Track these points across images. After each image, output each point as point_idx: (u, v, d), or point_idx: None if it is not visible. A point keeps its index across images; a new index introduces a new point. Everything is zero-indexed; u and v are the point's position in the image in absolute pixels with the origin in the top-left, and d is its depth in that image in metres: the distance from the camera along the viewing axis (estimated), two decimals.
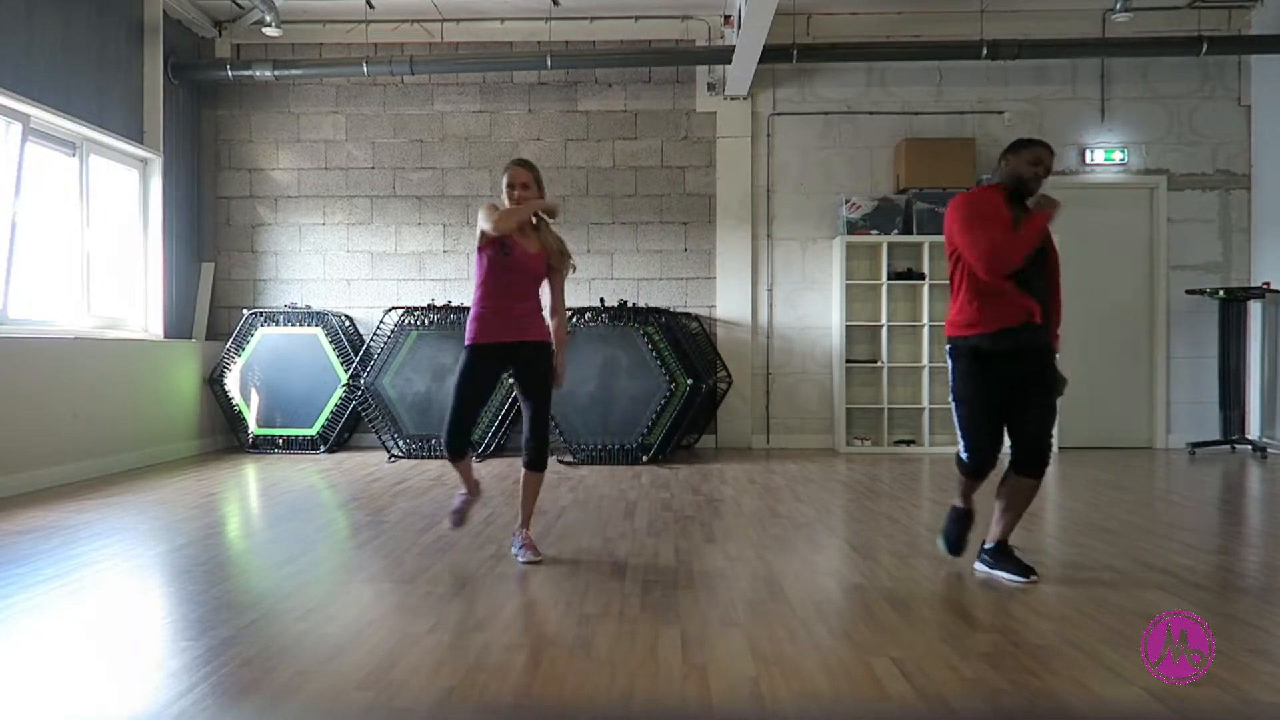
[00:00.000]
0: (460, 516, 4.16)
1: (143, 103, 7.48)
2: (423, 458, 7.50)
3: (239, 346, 7.92)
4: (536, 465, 3.99)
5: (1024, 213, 3.47)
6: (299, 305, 8.25)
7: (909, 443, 8.14)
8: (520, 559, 3.85)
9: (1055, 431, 3.64)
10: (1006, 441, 3.58)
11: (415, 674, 2.53)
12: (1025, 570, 3.52)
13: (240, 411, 7.91)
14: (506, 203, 3.85)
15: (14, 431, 5.65)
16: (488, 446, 7.55)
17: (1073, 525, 4.70)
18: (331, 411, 7.88)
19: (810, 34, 8.25)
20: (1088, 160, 8.25)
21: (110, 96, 7.05)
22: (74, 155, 6.75)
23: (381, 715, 2.27)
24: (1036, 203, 3.49)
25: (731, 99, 8.28)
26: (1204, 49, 7.76)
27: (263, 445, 7.89)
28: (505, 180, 3.88)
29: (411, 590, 3.40)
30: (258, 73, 7.97)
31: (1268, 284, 7.84)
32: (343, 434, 8.06)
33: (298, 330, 7.96)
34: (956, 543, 3.77)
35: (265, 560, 3.95)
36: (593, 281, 8.34)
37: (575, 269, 4.07)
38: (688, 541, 4.27)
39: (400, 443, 7.61)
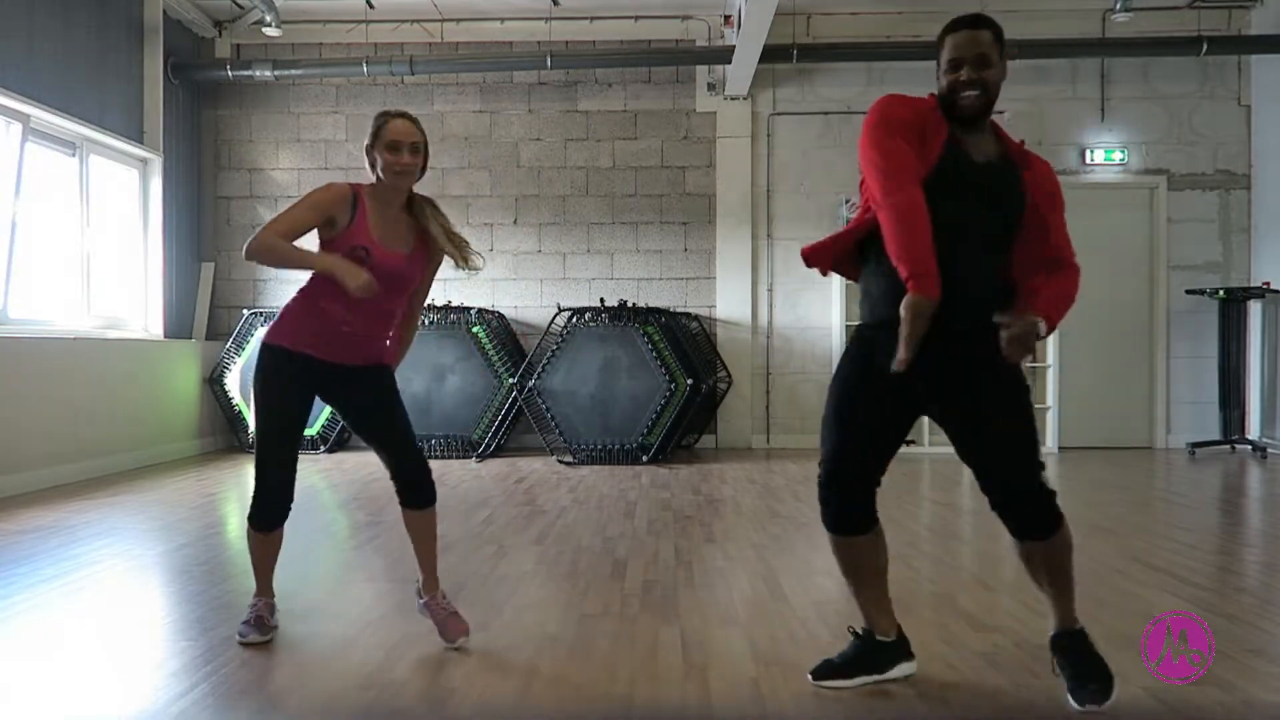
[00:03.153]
0: (259, 625, 2.82)
1: (143, 103, 7.48)
2: None
3: (239, 346, 7.92)
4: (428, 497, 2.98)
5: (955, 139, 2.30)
6: None
7: (909, 443, 8.10)
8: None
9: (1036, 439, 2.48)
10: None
11: (415, 674, 2.53)
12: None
13: (240, 411, 7.91)
14: (379, 171, 2.74)
15: (14, 431, 5.65)
16: (488, 447, 7.54)
17: (1073, 525, 4.68)
18: (331, 412, 7.88)
19: (810, 34, 8.25)
20: (1088, 160, 8.25)
21: (110, 96, 7.05)
22: (74, 155, 6.75)
23: (381, 715, 2.27)
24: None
25: (731, 99, 8.28)
26: (1204, 49, 7.76)
27: None
28: (384, 136, 2.72)
29: (411, 590, 3.39)
30: (258, 73, 7.97)
31: (1268, 284, 7.84)
32: (343, 434, 8.05)
33: None
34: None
35: None
36: (593, 281, 8.34)
37: (477, 265, 2.90)
38: (688, 541, 4.27)
39: None
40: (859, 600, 2.50)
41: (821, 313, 8.34)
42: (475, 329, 7.69)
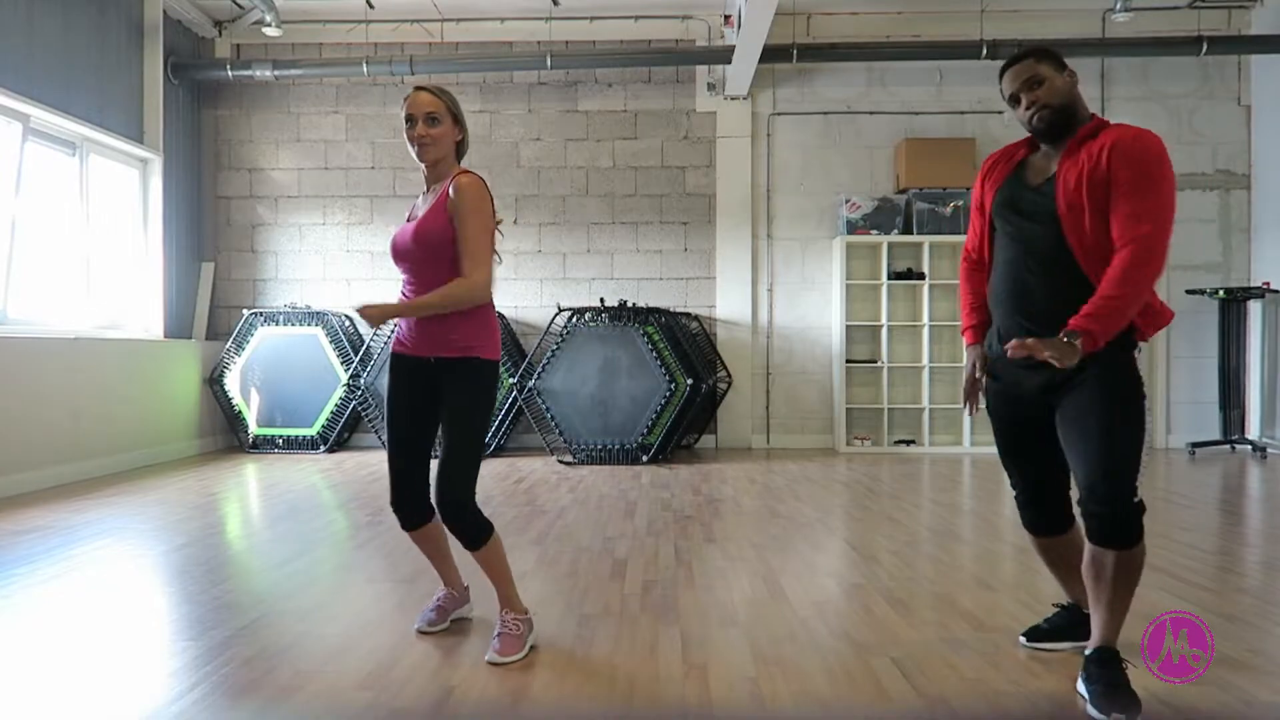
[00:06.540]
0: (439, 616, 2.95)
1: (143, 103, 7.49)
2: None
3: (239, 346, 7.92)
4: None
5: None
6: (299, 305, 8.25)
7: (909, 443, 8.14)
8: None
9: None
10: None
11: (415, 674, 2.53)
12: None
13: (240, 411, 7.91)
14: (409, 149, 2.73)
15: (14, 431, 5.65)
16: (488, 447, 7.54)
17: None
18: (331, 411, 7.88)
19: (810, 34, 8.25)
20: None
21: (110, 96, 7.05)
22: (74, 155, 6.75)
23: (381, 715, 2.27)
24: None
25: (731, 99, 8.28)
26: (1204, 49, 7.76)
27: (263, 445, 7.89)
28: (405, 114, 2.71)
29: (411, 590, 3.40)
30: (258, 73, 7.97)
31: (1268, 284, 7.84)
32: (343, 434, 8.06)
33: (298, 330, 7.96)
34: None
35: (265, 560, 3.95)
36: (593, 281, 8.34)
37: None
38: (688, 541, 4.27)
39: None
40: (1060, 579, 2.76)
41: (821, 313, 8.34)
42: None
